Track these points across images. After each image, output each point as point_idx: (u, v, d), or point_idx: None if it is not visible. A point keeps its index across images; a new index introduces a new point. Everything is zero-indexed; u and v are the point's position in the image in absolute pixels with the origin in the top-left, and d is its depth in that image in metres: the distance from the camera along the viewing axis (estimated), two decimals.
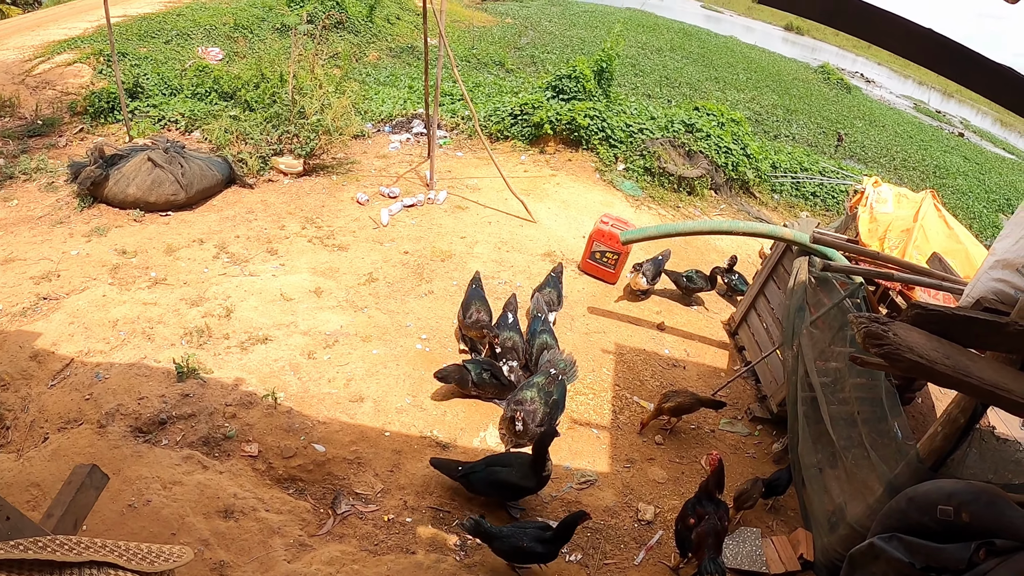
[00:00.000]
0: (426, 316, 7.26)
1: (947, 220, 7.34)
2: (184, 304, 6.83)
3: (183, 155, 8.95)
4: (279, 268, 7.70)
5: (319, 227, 8.72)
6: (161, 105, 11.72)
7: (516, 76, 19.64)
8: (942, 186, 20.54)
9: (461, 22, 28.44)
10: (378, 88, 15.27)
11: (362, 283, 7.64)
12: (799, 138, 21.28)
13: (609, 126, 13.00)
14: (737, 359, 7.95)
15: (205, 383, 5.79)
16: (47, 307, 6.58)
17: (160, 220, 8.48)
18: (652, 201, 11.74)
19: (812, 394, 5.44)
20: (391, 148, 11.85)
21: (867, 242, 7.26)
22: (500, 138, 13.00)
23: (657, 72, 25.45)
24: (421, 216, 9.42)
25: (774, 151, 15.78)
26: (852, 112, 29.41)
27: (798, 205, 13.81)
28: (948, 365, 3.00)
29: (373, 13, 22.68)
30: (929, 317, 3.18)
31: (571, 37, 29.76)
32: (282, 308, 6.95)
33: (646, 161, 12.53)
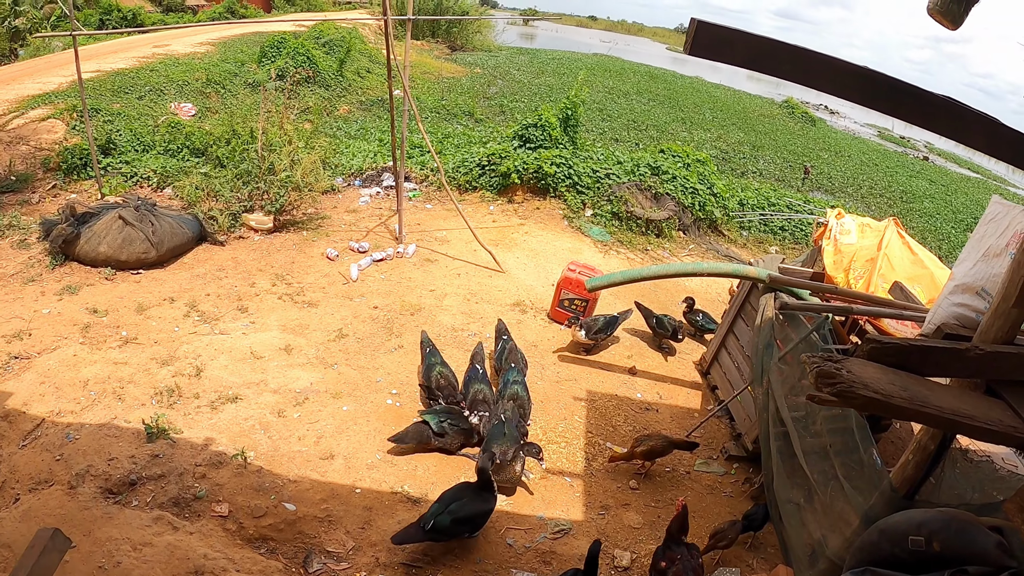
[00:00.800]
0: (396, 371, 7.31)
1: (911, 246, 7.52)
2: (155, 363, 6.85)
3: (154, 213, 9.03)
4: (249, 326, 7.74)
5: (289, 284, 8.79)
6: (133, 161, 11.82)
7: (485, 126, 19.95)
8: (909, 210, 21.01)
9: (431, 73, 28.87)
10: (348, 142, 15.48)
11: (332, 339, 7.69)
12: (766, 173, 21.77)
13: (576, 173, 13.25)
14: (710, 398, 8.05)
15: (175, 443, 5.80)
16: (18, 366, 6.58)
17: (131, 278, 8.52)
18: (621, 246, 11.96)
19: (784, 429, 5.52)
20: (361, 202, 12.00)
21: (833, 274, 7.42)
22: (469, 188, 13.21)
23: (624, 116, 25.97)
24: (391, 270, 9.52)
25: (741, 188, 16.13)
26: (817, 144, 30.14)
27: (767, 240, 14.07)
28: (905, 397, 3.03)
29: (343, 67, 23.04)
30: (886, 350, 3.21)
31: (539, 85, 30.26)
32: (252, 366, 6.98)
33: (613, 206, 12.77)
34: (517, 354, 7.33)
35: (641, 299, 9.58)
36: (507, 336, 7.66)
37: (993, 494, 4.25)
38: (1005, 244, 3.66)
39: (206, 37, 25.49)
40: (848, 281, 7.23)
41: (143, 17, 36.67)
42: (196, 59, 20.83)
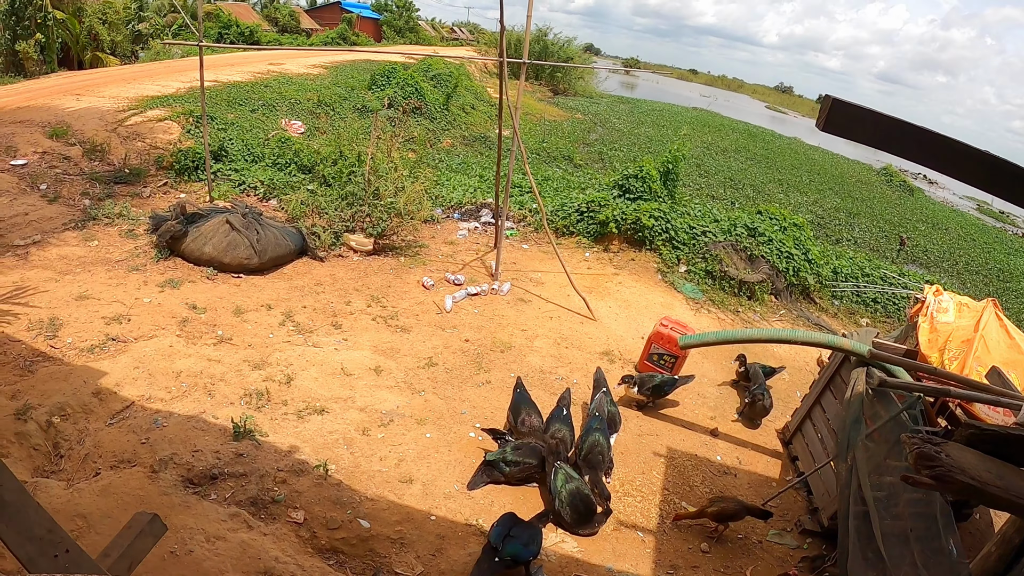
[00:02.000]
0: (482, 405, 7.33)
1: (1009, 330, 7.24)
2: (247, 366, 7.06)
3: (259, 222, 9.36)
4: (342, 343, 7.91)
5: (384, 306, 8.97)
6: (243, 170, 12.33)
7: (584, 171, 20.09)
8: (1006, 290, 20.17)
9: (533, 115, 29.28)
10: (450, 175, 15.79)
11: (421, 366, 7.78)
12: (861, 242, 21.24)
13: (673, 227, 13.18)
14: (790, 469, 7.81)
15: (259, 445, 5.94)
16: (115, 348, 6.90)
17: (231, 281, 8.85)
18: (712, 304, 11.80)
19: (865, 508, 5.34)
20: (459, 235, 12.19)
21: (927, 352, 7.17)
22: (565, 233, 13.27)
23: (722, 173, 25.83)
24: (484, 305, 9.62)
25: (835, 256, 15.76)
26: (915, 215, 29.30)
27: (859, 311, 13.70)
28: (1000, 486, 2.97)
29: (449, 102, 23.57)
30: (983, 436, 3.15)
31: (638, 135, 30.35)
32: (341, 382, 7.11)
33: (708, 264, 12.64)
34: (604, 405, 7.24)
35: (734, 363, 9.43)
36: (605, 388, 7.60)
37: None
38: None
39: (319, 60, 26.50)
40: (942, 361, 6.99)
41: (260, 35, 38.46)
42: (308, 80, 21.64)
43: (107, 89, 15.33)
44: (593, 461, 6.47)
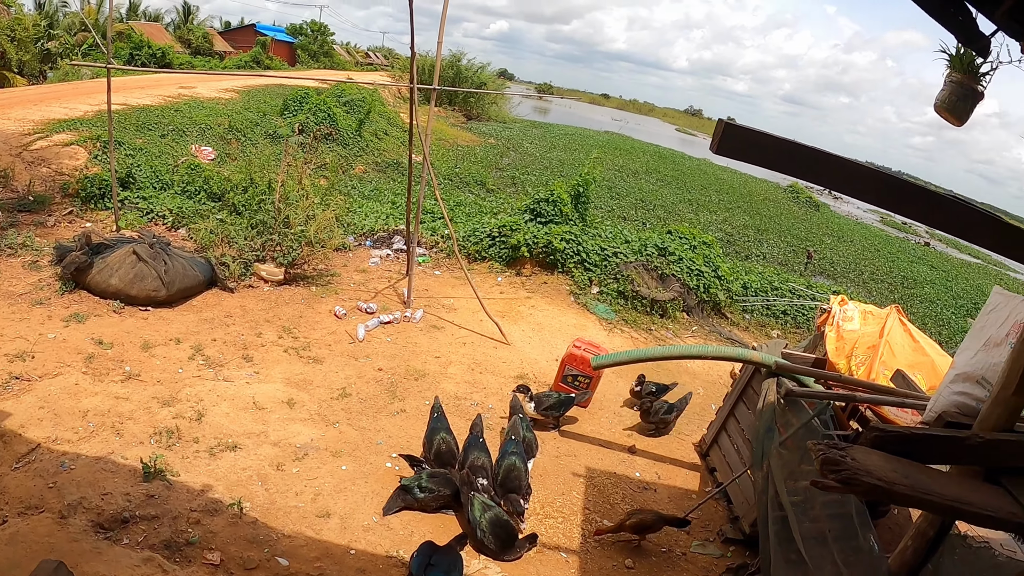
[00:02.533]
0: (397, 435, 7.32)
1: (912, 334, 7.61)
2: (156, 403, 6.88)
3: (168, 252, 9.16)
4: (253, 376, 7.80)
5: (296, 337, 8.87)
6: (151, 198, 12.04)
7: (497, 196, 20.29)
8: (911, 296, 21.23)
9: (446, 140, 29.41)
10: (362, 201, 15.76)
11: (335, 397, 7.73)
12: (770, 257, 22.08)
13: (584, 250, 13.44)
14: (709, 481, 8.03)
15: (171, 486, 5.79)
16: (18, 387, 6.62)
17: (139, 314, 8.61)
18: (625, 324, 12.07)
19: (783, 514, 5.51)
20: (371, 263, 12.16)
21: (835, 360, 7.50)
22: (478, 258, 13.39)
23: (633, 195, 26.40)
24: (397, 334, 9.62)
25: (745, 271, 16.30)
26: (821, 229, 30.61)
27: (769, 324, 14.18)
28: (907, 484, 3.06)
29: (362, 127, 23.53)
30: (889, 438, 3.25)
31: (551, 159, 30.79)
32: (254, 416, 7.01)
33: (620, 284, 12.92)
34: (520, 429, 7.31)
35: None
36: (521, 414, 7.69)
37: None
38: (1005, 334, 3.77)
39: (231, 84, 26.07)
40: (850, 367, 7.32)
41: (172, 57, 37.70)
42: (220, 104, 21.30)
43: (12, 111, 14.76)
44: (510, 485, 6.52)
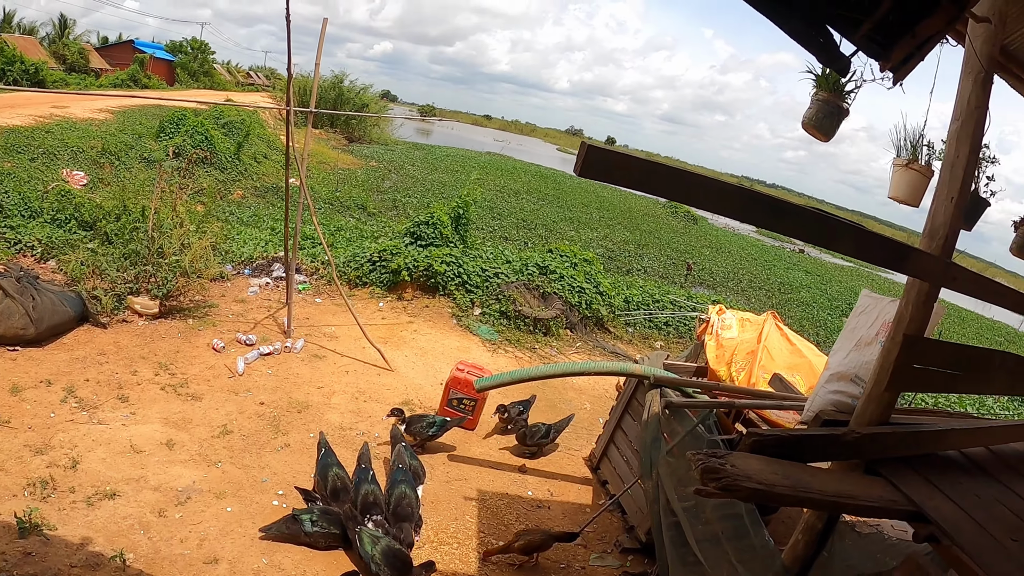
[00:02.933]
0: (283, 471, 7.21)
1: (789, 337, 8.04)
2: (28, 451, 6.55)
3: (36, 286, 8.76)
4: (130, 417, 7.54)
5: (173, 374, 8.63)
6: (19, 228, 11.45)
7: (378, 220, 20.27)
8: (788, 300, 22.39)
9: (327, 164, 29.10)
10: (241, 228, 15.42)
11: (216, 435, 7.55)
12: (651, 271, 22.84)
13: (465, 271, 13.61)
14: (602, 493, 8.19)
15: (48, 541, 5.55)
16: None
17: (7, 354, 8.17)
18: (509, 344, 12.27)
19: (676, 519, 5.63)
20: (250, 292, 11.96)
21: (715, 367, 7.83)
22: (359, 284, 13.35)
23: (514, 215, 26.76)
24: (278, 365, 9.50)
25: (627, 286, 16.85)
26: (699, 241, 31.84)
27: (653, 336, 14.68)
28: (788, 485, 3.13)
29: (241, 151, 23.04)
30: (766, 442, 3.34)
31: (433, 181, 30.88)
32: (132, 461, 6.78)
33: (502, 305, 13.13)
34: (405, 457, 7.31)
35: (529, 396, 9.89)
36: (404, 442, 7.65)
37: (886, 560, 4.48)
38: (875, 333, 4.05)
39: (106, 104, 25.04)
40: (730, 374, 7.66)
41: (45, 73, 35.91)
42: (94, 126, 20.48)
43: None
44: (402, 514, 6.51)
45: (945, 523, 3.28)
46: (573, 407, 10.21)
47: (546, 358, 12.19)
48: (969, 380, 4.27)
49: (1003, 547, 3.28)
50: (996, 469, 4.36)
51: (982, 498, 3.77)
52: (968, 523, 3.38)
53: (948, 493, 3.63)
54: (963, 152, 3.64)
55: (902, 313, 3.72)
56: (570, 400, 10.45)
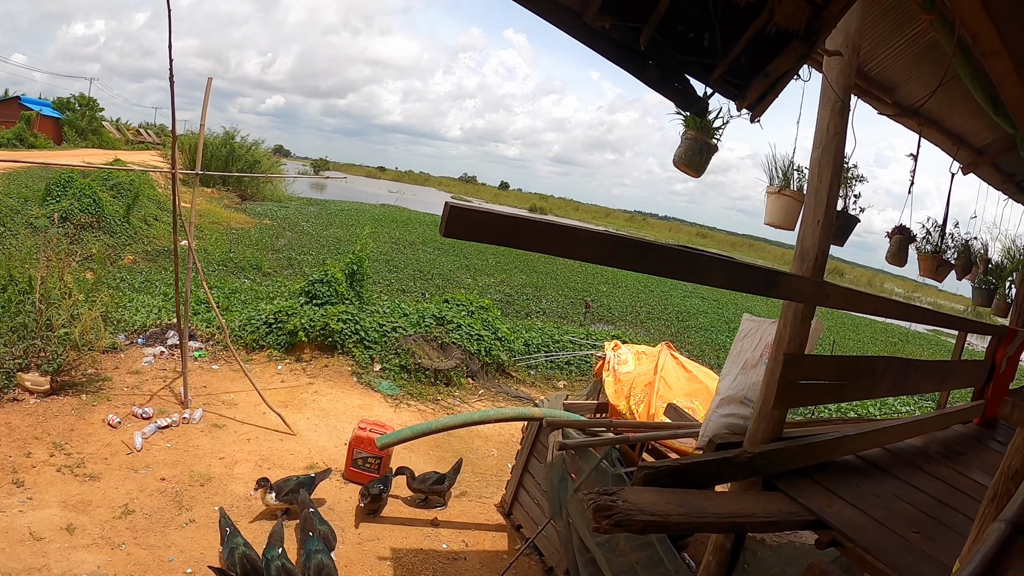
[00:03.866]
0: (190, 548, 7.05)
1: (685, 365, 8.37)
2: None
3: None
4: (27, 502, 7.27)
5: (69, 454, 8.36)
6: None
7: (273, 280, 20.00)
8: (686, 328, 23.05)
9: (220, 224, 28.58)
10: (132, 295, 15.03)
11: (117, 516, 7.34)
12: (549, 312, 23.09)
13: (363, 328, 13.66)
14: (517, 538, 8.26)
15: None
16: None
17: None
18: (411, 398, 12.35)
19: (591, 556, 5.80)
20: (145, 362, 11.68)
21: (615, 402, 8.05)
22: (256, 347, 13.22)
23: (411, 266, 26.75)
24: (177, 438, 9.31)
25: (526, 329, 17.11)
26: (596, 278, 32.30)
27: (555, 376, 14.94)
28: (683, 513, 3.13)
29: (131, 213, 22.38)
30: (660, 473, 3.37)
31: (328, 237, 30.70)
32: (32, 549, 6.54)
33: (401, 359, 13.23)
34: (315, 524, 7.22)
35: (436, 449, 9.99)
36: (312, 508, 7.57)
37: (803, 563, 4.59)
38: (759, 355, 4.25)
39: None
40: (630, 407, 7.93)
41: None
42: None
43: None
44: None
45: (846, 526, 3.47)
46: (480, 455, 10.39)
47: (450, 408, 12.33)
48: (856, 388, 4.54)
49: (905, 540, 3.50)
50: (893, 467, 4.70)
51: (881, 497, 4.04)
52: (869, 523, 3.60)
53: (847, 497, 3.86)
54: (826, 177, 3.92)
55: (781, 334, 3.93)
56: (477, 448, 10.62)
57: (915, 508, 4.01)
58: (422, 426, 7.83)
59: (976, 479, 4.81)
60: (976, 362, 6.77)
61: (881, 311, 5.41)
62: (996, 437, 6.38)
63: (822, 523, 3.51)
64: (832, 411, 13.99)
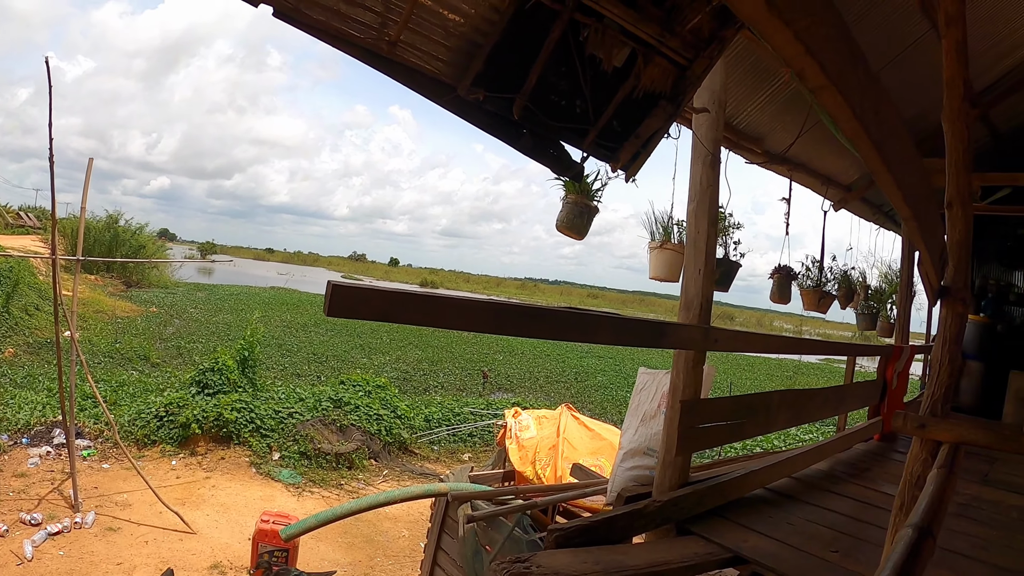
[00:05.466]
0: None
1: (587, 424, 8.46)
2: None
3: None
4: None
5: None
6: None
7: (162, 370, 19.23)
8: (586, 387, 23.17)
9: (104, 313, 27.31)
10: (14, 391, 14.12)
11: None
12: (448, 385, 22.94)
13: (258, 416, 13.27)
14: None
15: None
16: None
17: None
18: (314, 485, 12.02)
19: None
20: (31, 464, 10.91)
21: (521, 469, 8.06)
22: (148, 443, 12.59)
23: (304, 349, 26.20)
24: (70, 544, 8.71)
25: (425, 405, 17.01)
26: (492, 347, 32.10)
27: (459, 449, 14.83)
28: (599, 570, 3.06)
29: (10, 303, 21.06)
30: (571, 533, 3.28)
31: (217, 323, 29.83)
32: None
33: (300, 445, 12.88)
34: None
35: (345, 535, 9.69)
36: None
37: None
38: (657, 405, 4.24)
39: None
40: (536, 472, 7.95)
41: None
42: None
43: None
44: None
45: (764, 558, 3.49)
46: (390, 537, 10.18)
47: (354, 492, 12.05)
48: (755, 424, 4.61)
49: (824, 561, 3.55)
50: (803, 493, 4.81)
51: (795, 524, 4.10)
52: (786, 551, 3.64)
53: (761, 530, 3.89)
54: (703, 228, 4.02)
55: (675, 382, 3.96)
56: (387, 531, 10.39)
57: (830, 528, 4.12)
58: (327, 513, 7.65)
59: (885, 491, 4.99)
60: (869, 382, 7.20)
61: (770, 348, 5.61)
62: (897, 449, 6.72)
63: (740, 558, 3.55)
64: (739, 449, 14.39)
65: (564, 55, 3.03)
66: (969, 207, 3.25)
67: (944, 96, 3.19)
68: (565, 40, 2.99)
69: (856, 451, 6.56)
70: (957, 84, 3.17)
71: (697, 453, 5.96)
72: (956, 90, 3.18)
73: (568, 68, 3.08)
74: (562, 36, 2.98)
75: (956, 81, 3.17)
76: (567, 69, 3.08)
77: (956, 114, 3.19)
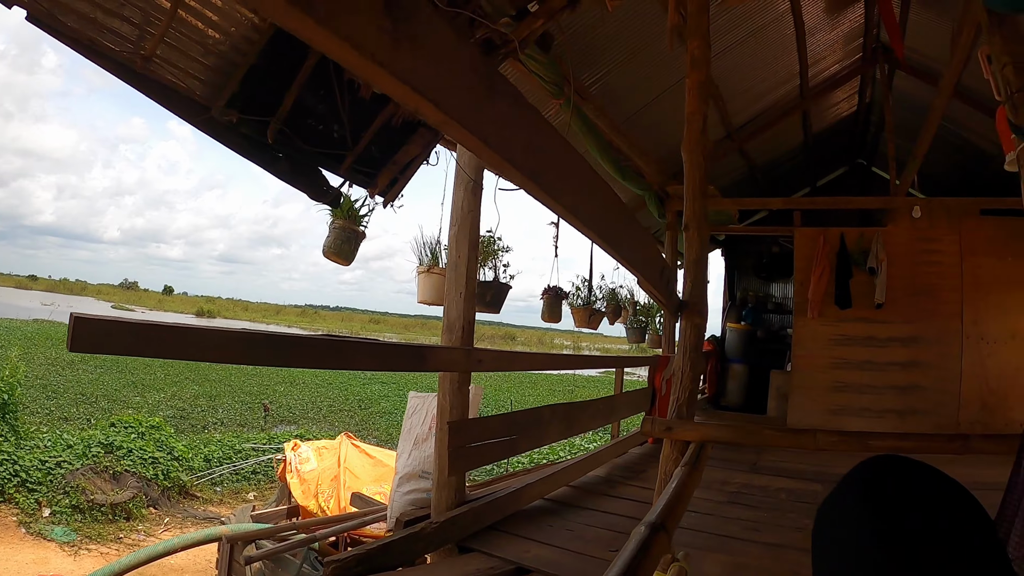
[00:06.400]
0: None
1: (368, 452, 8.31)
2: None
3: None
4: None
5: None
6: None
7: None
8: (370, 414, 22.74)
9: None
10: None
11: None
12: (227, 421, 21.68)
13: (23, 468, 11.90)
14: None
15: None
16: None
17: None
18: (91, 541, 10.91)
19: None
20: None
21: (304, 503, 7.81)
22: None
23: (72, 389, 23.64)
24: None
25: (205, 443, 16.00)
26: (272, 379, 30.72)
27: (244, 488, 14.07)
28: None
29: None
30: (346, 564, 3.20)
31: None
32: None
33: (72, 498, 11.64)
34: None
35: None
36: None
37: None
38: (428, 428, 4.23)
39: None
40: (320, 504, 7.72)
41: None
42: None
43: None
44: None
45: (546, 566, 3.55)
46: None
47: (135, 545, 11.08)
48: (527, 439, 4.71)
49: (604, 561, 3.54)
50: (581, 500, 4.96)
51: (574, 530, 4.22)
52: (567, 556, 3.71)
53: (541, 539, 3.97)
54: (463, 251, 4.06)
55: (442, 404, 3.98)
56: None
57: (609, 530, 4.25)
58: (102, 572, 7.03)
59: None
60: (639, 390, 7.67)
61: (536, 365, 5.90)
62: None
63: (523, 569, 3.58)
64: (527, 463, 14.69)
65: (323, 79, 2.95)
66: (704, 229, 3.55)
67: (685, 129, 3.45)
68: (324, 64, 2.89)
69: (632, 455, 6.96)
70: (697, 119, 3.45)
71: (481, 470, 6.01)
72: (696, 124, 3.44)
73: (327, 92, 3.01)
74: (321, 59, 2.87)
75: (696, 116, 3.45)
76: (325, 93, 3.00)
77: (694, 145, 3.45)
